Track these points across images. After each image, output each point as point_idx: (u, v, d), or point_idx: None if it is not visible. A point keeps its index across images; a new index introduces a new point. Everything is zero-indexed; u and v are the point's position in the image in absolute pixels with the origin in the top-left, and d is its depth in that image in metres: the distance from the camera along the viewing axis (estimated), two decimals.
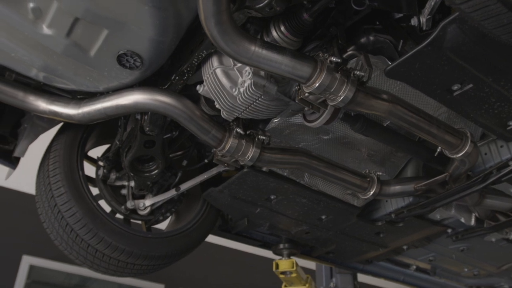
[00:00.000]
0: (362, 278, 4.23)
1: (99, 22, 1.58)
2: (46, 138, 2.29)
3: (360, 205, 2.51)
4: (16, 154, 2.18)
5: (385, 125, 1.99)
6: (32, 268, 5.31)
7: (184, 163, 2.47)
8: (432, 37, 1.43)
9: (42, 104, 1.92)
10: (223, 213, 2.80)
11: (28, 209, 3.55)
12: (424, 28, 1.58)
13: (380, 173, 2.20)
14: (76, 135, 2.28)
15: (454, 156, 1.85)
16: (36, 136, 2.17)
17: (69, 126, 2.29)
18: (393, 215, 2.58)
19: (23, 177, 2.85)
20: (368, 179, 2.16)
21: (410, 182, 2.19)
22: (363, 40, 1.76)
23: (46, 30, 1.63)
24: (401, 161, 2.33)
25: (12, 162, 2.26)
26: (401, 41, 1.69)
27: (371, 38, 1.75)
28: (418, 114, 1.70)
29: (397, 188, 2.19)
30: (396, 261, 3.54)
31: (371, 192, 2.16)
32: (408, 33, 1.69)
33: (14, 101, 1.90)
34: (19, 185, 5.30)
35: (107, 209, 2.33)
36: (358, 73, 1.55)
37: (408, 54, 1.50)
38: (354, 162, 2.23)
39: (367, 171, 2.20)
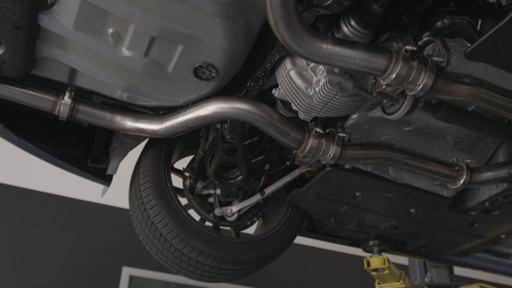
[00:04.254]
0: (458, 271, 4.07)
1: (173, 39, 1.64)
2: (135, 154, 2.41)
3: (450, 196, 2.41)
4: (109, 172, 2.29)
5: (469, 110, 1.90)
6: (132, 278, 5.54)
7: (267, 167, 2.49)
8: None
9: (128, 123, 2.02)
10: (309, 213, 2.80)
11: (124, 223, 3.74)
12: (503, 3, 1.50)
13: (469, 161, 2.11)
14: (161, 149, 2.37)
15: None
16: (125, 153, 2.27)
17: (155, 141, 2.38)
18: (487, 203, 2.46)
19: (117, 193, 3.01)
20: (457, 168, 2.08)
21: (503, 167, 2.08)
22: (438, 24, 1.69)
23: (126, 52, 1.71)
24: (491, 146, 2.21)
25: (106, 180, 2.38)
26: (480, 20, 1.61)
27: (447, 21, 1.68)
28: (506, 94, 1.61)
29: (489, 174, 2.09)
30: (494, 252, 3.36)
31: (461, 181, 2.07)
32: (487, 11, 1.60)
33: (103, 122, 2.01)
34: (115, 201, 5.58)
35: (196, 217, 2.41)
36: (436, 59, 1.50)
37: (489, 33, 1.42)
38: (439, 151, 2.15)
39: (455, 159, 2.11)
